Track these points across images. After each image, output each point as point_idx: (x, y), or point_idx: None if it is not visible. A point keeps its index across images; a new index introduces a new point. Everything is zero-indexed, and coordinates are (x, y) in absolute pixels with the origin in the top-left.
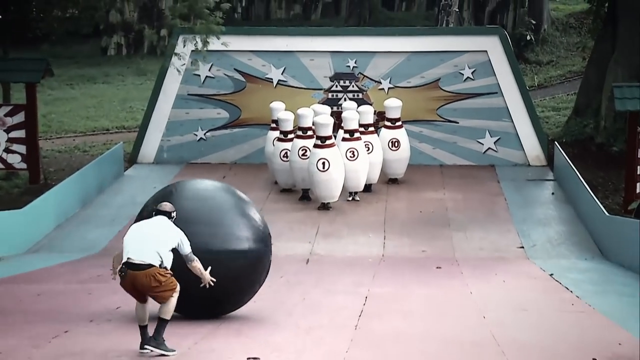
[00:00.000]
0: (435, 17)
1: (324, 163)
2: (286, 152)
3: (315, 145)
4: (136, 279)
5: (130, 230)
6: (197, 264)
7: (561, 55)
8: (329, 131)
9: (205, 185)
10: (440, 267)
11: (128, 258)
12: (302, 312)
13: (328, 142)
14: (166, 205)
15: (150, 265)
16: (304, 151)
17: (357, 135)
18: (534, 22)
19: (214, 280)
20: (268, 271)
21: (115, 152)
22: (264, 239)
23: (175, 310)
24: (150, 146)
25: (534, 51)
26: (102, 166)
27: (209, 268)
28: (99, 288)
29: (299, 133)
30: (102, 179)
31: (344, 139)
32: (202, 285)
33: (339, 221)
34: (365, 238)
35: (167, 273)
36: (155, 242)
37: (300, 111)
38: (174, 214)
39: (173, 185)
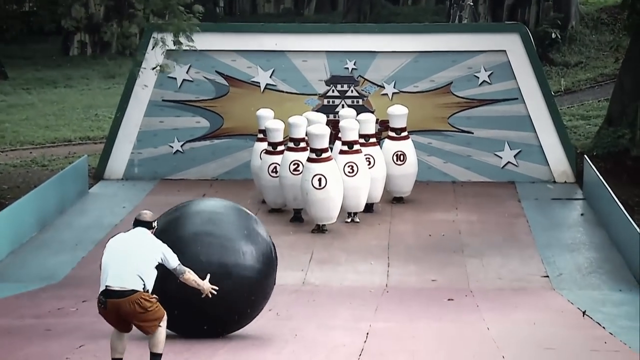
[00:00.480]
0: (446, 12)
1: (319, 179)
2: (275, 167)
3: (309, 159)
4: (120, 308)
5: (108, 248)
6: (190, 275)
7: (591, 55)
8: (324, 143)
9: (214, 204)
10: (452, 299)
11: (107, 286)
12: (293, 350)
13: (324, 155)
14: (146, 215)
15: (133, 291)
16: (296, 165)
17: (356, 147)
18: (560, 17)
19: (216, 288)
20: (272, 289)
21: (79, 167)
22: (271, 255)
23: (182, 329)
24: (119, 160)
25: (560, 51)
26: (64, 183)
27: (208, 276)
28: (59, 324)
29: (290, 145)
30: (63, 198)
31: (341, 152)
32: (203, 296)
33: (336, 246)
34: (366, 265)
35: (152, 298)
36: (136, 263)
37: (291, 120)
38: (155, 224)
39: (179, 207)
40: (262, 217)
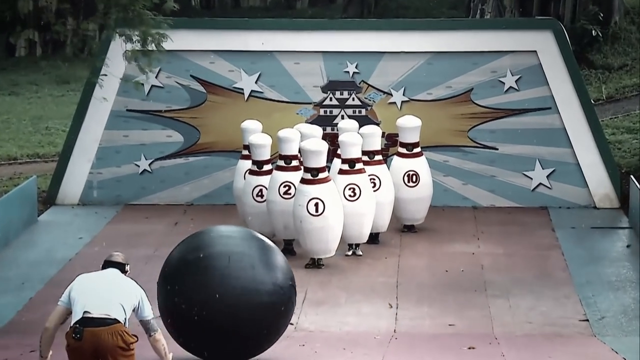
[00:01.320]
0: (465, 6)
1: (316, 205)
2: (262, 190)
3: (303, 181)
4: (100, 339)
5: (79, 281)
6: (161, 338)
7: (638, 57)
8: (321, 161)
9: (230, 230)
10: (473, 348)
11: (85, 312)
12: None
13: (320, 175)
14: (118, 256)
15: (117, 321)
16: (286, 188)
17: (359, 166)
18: (601, 12)
19: None
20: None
21: (26, 190)
22: (292, 278)
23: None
24: (75, 182)
25: (601, 52)
26: (8, 209)
27: (171, 354)
28: None
29: (280, 163)
30: (7, 227)
31: (341, 172)
32: None
33: (334, 284)
34: (371, 307)
35: (134, 337)
36: (118, 292)
37: (281, 133)
38: (128, 268)
39: (194, 237)
40: None
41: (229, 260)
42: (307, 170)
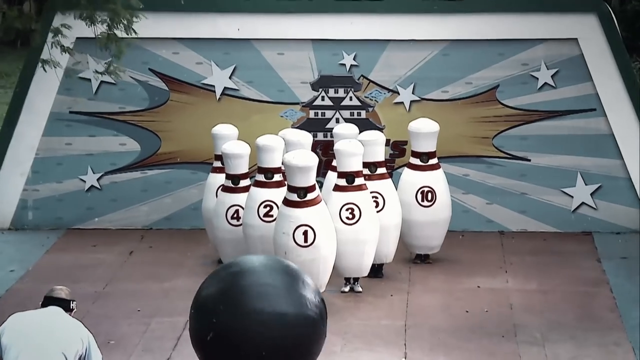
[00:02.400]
0: None
1: (305, 233)
2: (237, 211)
3: (288, 202)
4: None
5: (11, 324)
6: None
7: None
8: (310, 179)
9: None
10: None
11: None
12: None
13: (309, 196)
14: (61, 291)
15: None
16: (267, 209)
17: (359, 181)
18: None
19: None
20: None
21: None
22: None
23: None
24: (5, 201)
25: None
26: None
27: None
28: None
29: (260, 178)
30: None
31: (337, 188)
32: None
33: (328, 328)
34: (373, 357)
35: None
36: (60, 338)
37: (261, 141)
38: (74, 305)
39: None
40: None
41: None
42: (292, 189)
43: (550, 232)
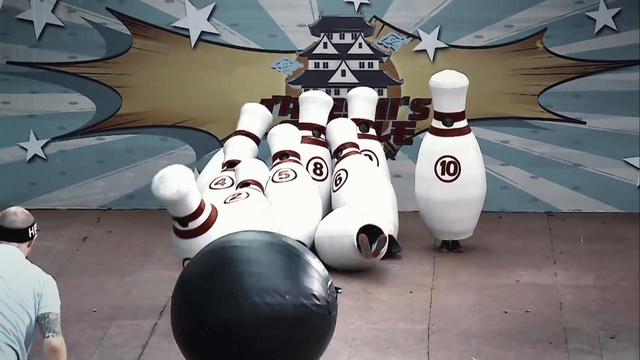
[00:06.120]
0: None
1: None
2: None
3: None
4: None
5: None
6: (62, 347)
7: None
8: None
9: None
10: None
11: None
12: None
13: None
14: (15, 217)
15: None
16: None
17: (351, 149)
18: None
19: None
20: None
21: None
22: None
23: None
24: None
25: None
26: None
27: None
28: None
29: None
30: None
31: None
32: None
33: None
34: None
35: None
36: (16, 294)
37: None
38: (34, 231)
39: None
40: None
41: None
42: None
43: (611, 213)
